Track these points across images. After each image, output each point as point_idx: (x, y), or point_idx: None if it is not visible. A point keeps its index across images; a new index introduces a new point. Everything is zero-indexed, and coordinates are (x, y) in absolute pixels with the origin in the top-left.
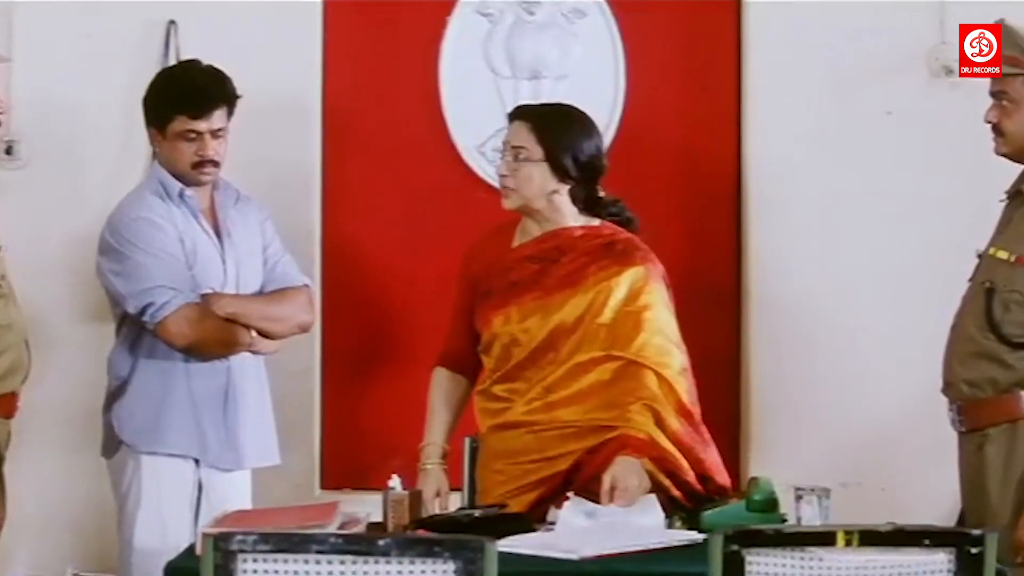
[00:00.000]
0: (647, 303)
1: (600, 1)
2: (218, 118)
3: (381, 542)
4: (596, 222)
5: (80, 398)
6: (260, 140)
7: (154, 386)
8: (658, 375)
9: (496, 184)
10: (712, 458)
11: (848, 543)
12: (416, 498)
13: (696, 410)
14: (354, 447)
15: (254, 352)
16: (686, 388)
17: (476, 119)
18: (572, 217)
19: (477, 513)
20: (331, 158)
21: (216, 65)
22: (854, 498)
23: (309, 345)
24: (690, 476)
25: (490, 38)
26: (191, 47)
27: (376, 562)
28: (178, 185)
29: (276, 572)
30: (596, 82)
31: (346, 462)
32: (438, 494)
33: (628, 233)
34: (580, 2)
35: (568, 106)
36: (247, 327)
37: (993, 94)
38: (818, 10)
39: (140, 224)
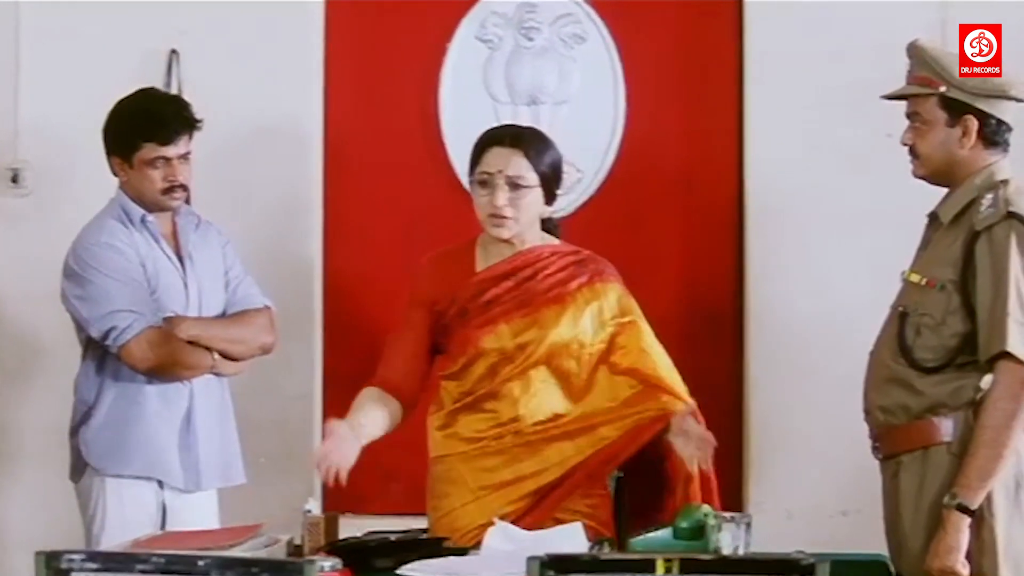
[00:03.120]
0: (635, 320)
1: (600, 26)
2: (184, 143)
3: (201, 562)
4: (555, 240)
5: None
6: (261, 166)
7: (118, 410)
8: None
9: None
10: None
11: (668, 571)
12: (333, 522)
13: None
14: (355, 471)
15: (217, 374)
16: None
17: None
18: (540, 237)
19: (393, 537)
20: (332, 184)
21: (218, 94)
22: (856, 525)
23: (309, 369)
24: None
25: (489, 64)
26: (193, 76)
27: None
28: (140, 211)
29: None
30: (596, 107)
31: (347, 486)
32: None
33: (586, 249)
34: (579, 27)
35: (532, 127)
36: (209, 349)
37: (908, 116)
38: (819, 33)
39: (102, 249)
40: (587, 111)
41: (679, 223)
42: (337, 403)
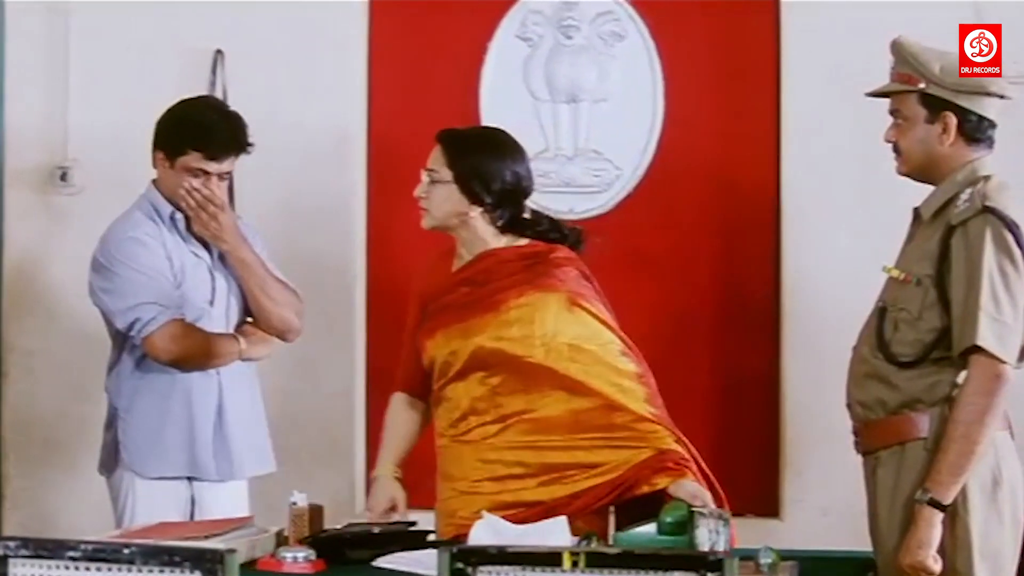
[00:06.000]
0: (577, 334)
1: (639, 24)
2: (229, 163)
3: (126, 550)
4: (523, 241)
5: None
6: (306, 166)
7: (151, 407)
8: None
9: (537, 206)
10: None
11: (575, 564)
12: (318, 513)
13: (663, 412)
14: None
15: (245, 359)
16: (644, 396)
17: None
18: (493, 238)
19: (376, 529)
20: (375, 180)
21: (262, 94)
22: None
23: (351, 366)
24: None
25: (529, 62)
26: (237, 76)
27: (119, 570)
28: (169, 207)
29: None
30: (634, 104)
31: None
32: (393, 508)
33: (549, 247)
34: (618, 25)
35: (491, 130)
36: (236, 338)
37: (891, 113)
38: (858, 31)
39: (128, 243)
40: (626, 109)
41: (716, 220)
42: (379, 399)
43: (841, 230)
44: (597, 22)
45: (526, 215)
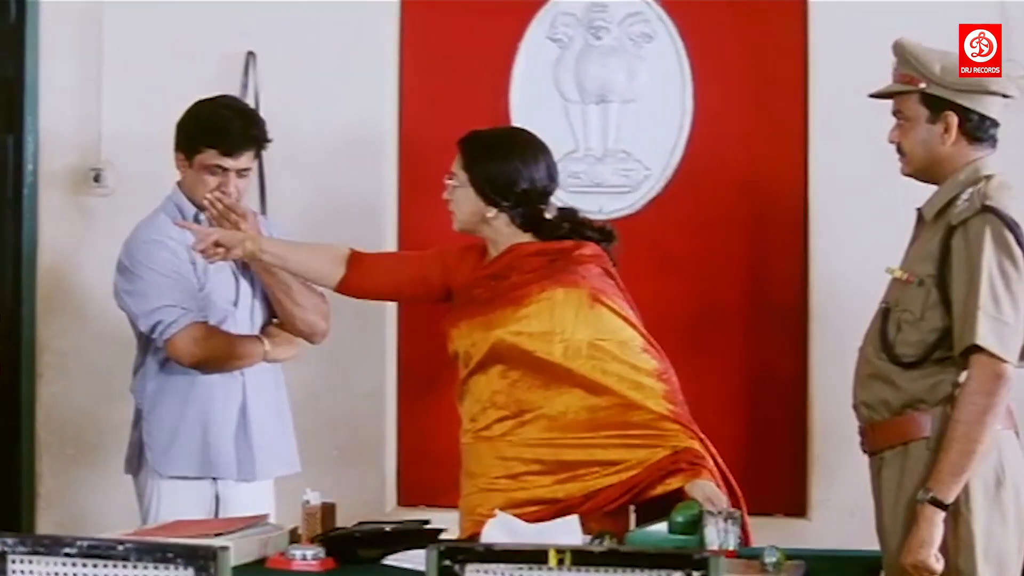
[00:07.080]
0: (597, 331)
1: (668, 25)
2: (246, 158)
3: (120, 547)
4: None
5: None
6: (337, 167)
7: (172, 407)
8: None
9: (565, 204)
10: None
11: (560, 562)
12: (330, 511)
13: (683, 410)
14: (430, 465)
15: (270, 360)
16: (663, 393)
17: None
18: (516, 237)
19: (388, 527)
20: (406, 181)
21: (294, 96)
22: None
23: (381, 366)
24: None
25: (559, 63)
26: (269, 79)
27: (115, 566)
28: (193, 209)
29: (35, 573)
30: (663, 105)
31: (422, 480)
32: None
33: (575, 244)
34: (648, 26)
35: (510, 131)
36: (260, 339)
37: (893, 114)
38: (886, 32)
39: (152, 246)
40: (655, 109)
41: (745, 220)
42: (411, 399)
43: (869, 229)
44: (626, 23)
45: (549, 215)
